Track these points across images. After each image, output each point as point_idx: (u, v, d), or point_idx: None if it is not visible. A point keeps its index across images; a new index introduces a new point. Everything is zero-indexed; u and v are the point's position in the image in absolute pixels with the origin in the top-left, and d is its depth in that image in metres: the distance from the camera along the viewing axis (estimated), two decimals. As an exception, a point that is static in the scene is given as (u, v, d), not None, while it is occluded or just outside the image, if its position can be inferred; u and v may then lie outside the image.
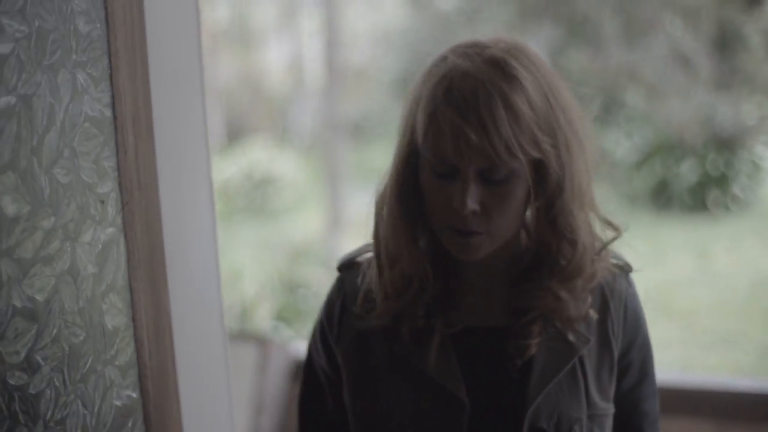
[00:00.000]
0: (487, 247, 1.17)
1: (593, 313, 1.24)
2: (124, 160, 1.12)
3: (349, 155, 7.83)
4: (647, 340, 1.30)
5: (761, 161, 7.79)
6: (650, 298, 1.32)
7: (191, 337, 1.31)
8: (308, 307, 5.37)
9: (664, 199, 7.77)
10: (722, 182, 7.69)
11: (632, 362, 1.28)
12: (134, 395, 1.15)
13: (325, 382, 1.34)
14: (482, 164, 1.11)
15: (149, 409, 1.17)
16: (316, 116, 9.03)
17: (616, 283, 1.27)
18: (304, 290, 5.62)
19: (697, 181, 7.72)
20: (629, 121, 8.06)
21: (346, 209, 7.27)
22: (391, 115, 8.43)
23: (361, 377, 1.28)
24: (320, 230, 7.50)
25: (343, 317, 1.30)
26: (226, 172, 8.17)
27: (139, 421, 1.16)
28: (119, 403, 1.12)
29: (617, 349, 1.26)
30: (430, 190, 1.16)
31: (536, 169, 1.15)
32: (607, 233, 1.24)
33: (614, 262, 1.27)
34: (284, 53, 9.88)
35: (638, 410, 1.30)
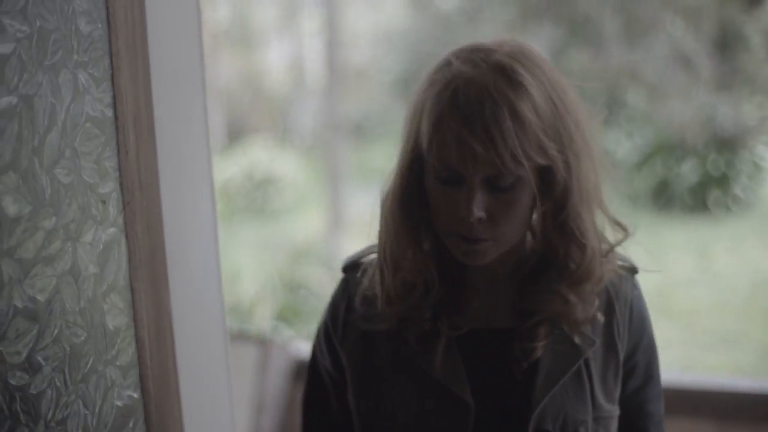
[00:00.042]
0: (493, 252, 1.16)
1: (600, 315, 1.23)
2: (125, 160, 1.12)
3: (349, 155, 7.83)
4: (653, 341, 1.30)
5: (762, 161, 7.79)
6: (651, 298, 1.32)
7: (192, 337, 1.31)
8: (309, 307, 5.37)
9: (664, 199, 7.77)
10: (723, 182, 7.69)
11: (637, 364, 1.27)
12: (135, 395, 1.15)
13: (329, 383, 1.34)
14: (488, 173, 1.10)
15: (150, 409, 1.17)
16: (316, 116, 9.03)
17: (621, 285, 1.26)
18: (304, 290, 5.62)
19: (697, 181, 7.73)
20: (630, 121, 8.06)
21: (346, 209, 7.27)
22: (391, 115, 8.43)
23: (365, 378, 1.28)
24: (321, 230, 7.50)
25: (347, 318, 1.30)
26: (226, 172, 8.17)
27: (140, 421, 1.16)
28: (120, 403, 1.12)
29: (623, 351, 1.25)
30: (435, 195, 1.16)
31: (543, 174, 1.14)
32: (616, 234, 1.23)
33: (620, 263, 1.26)
34: (285, 53, 9.88)
35: (644, 412, 1.30)
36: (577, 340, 1.22)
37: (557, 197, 1.15)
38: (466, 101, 1.09)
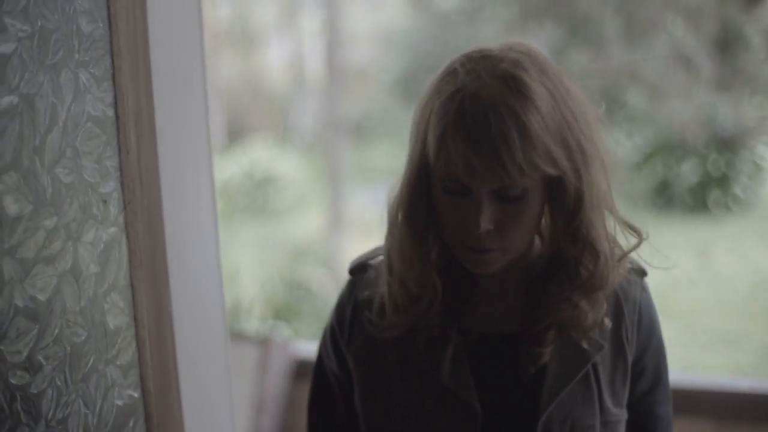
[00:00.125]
0: (501, 261, 1.15)
1: (608, 321, 1.22)
2: (126, 159, 1.12)
3: (349, 155, 7.82)
4: (662, 345, 1.28)
5: (762, 161, 7.79)
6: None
7: (192, 336, 1.31)
8: (309, 307, 5.37)
9: (665, 199, 7.76)
10: (723, 182, 7.68)
11: (646, 367, 1.26)
12: (135, 395, 1.15)
13: (335, 385, 1.33)
14: (496, 186, 1.09)
15: (150, 408, 1.17)
16: (317, 116, 9.03)
17: (630, 288, 1.25)
18: (304, 290, 5.62)
19: (698, 181, 7.72)
20: (630, 121, 8.05)
21: (346, 209, 7.26)
22: (392, 114, 8.43)
23: (372, 382, 1.27)
24: (321, 230, 7.49)
25: (354, 321, 1.29)
26: (226, 171, 8.17)
27: (140, 420, 1.16)
28: (120, 402, 1.12)
29: (631, 354, 1.24)
30: (442, 206, 1.14)
31: (554, 183, 1.13)
32: (628, 238, 1.21)
33: (628, 265, 1.24)
34: (285, 53, 9.87)
35: (652, 415, 1.29)
36: (585, 344, 1.20)
37: (569, 206, 1.14)
38: (472, 117, 1.07)
